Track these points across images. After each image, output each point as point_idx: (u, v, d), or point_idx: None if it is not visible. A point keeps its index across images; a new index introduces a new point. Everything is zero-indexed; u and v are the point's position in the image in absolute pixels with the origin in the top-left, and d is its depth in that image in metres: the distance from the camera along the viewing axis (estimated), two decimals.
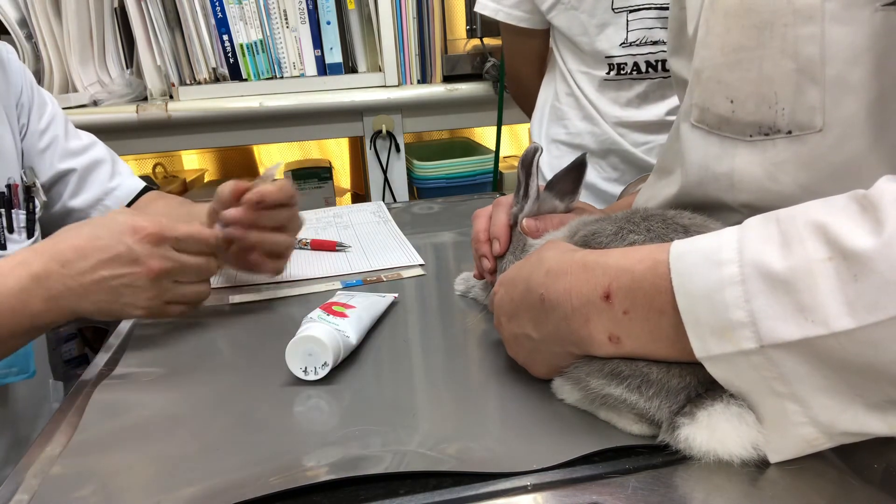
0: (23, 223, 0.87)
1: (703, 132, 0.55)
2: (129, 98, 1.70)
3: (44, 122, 0.94)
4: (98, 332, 1.86)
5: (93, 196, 0.97)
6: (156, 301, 0.68)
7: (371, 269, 0.91)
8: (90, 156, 0.98)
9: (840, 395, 0.40)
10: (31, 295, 0.63)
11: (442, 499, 0.44)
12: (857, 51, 0.45)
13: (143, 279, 0.66)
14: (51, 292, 0.64)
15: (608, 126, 1.15)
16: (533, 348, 0.54)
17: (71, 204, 0.96)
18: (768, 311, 0.39)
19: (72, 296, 0.65)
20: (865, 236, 0.37)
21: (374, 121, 1.80)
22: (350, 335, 0.62)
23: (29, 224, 0.88)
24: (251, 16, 1.70)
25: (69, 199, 0.96)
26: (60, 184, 0.96)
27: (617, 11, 1.08)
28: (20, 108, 0.91)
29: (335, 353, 0.59)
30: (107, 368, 0.68)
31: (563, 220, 0.67)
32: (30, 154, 0.93)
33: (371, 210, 1.21)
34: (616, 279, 0.46)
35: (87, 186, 0.97)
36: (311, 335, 0.59)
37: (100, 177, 0.98)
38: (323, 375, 0.59)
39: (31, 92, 0.93)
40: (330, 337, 0.59)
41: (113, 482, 0.49)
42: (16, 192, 0.86)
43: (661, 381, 0.46)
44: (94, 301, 0.66)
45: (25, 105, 0.92)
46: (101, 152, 1.00)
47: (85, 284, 0.65)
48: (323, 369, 0.59)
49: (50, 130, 0.94)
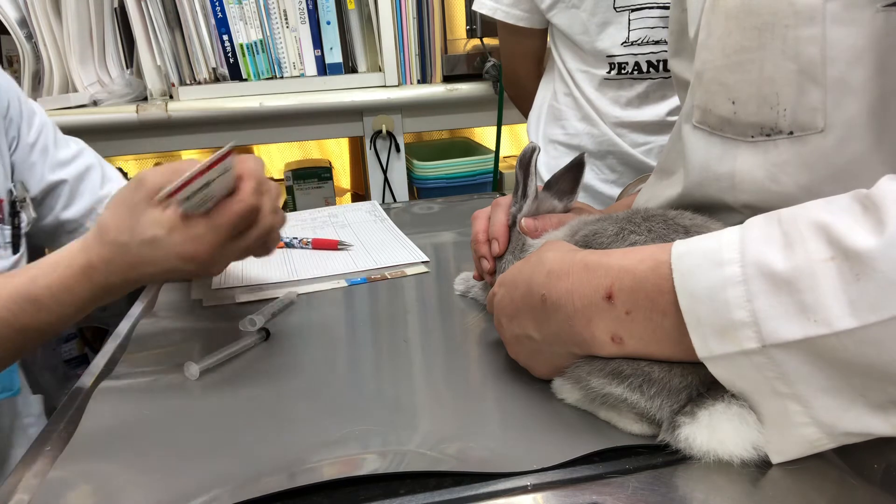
0: (8, 238, 0.85)
1: (704, 133, 0.55)
2: (129, 98, 1.70)
3: (33, 135, 0.92)
4: (98, 332, 1.86)
5: (85, 206, 0.96)
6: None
7: (375, 266, 0.91)
8: (80, 164, 0.97)
9: (842, 396, 0.40)
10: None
11: (442, 499, 0.44)
12: (859, 52, 0.45)
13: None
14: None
15: (607, 127, 1.15)
16: (534, 349, 0.54)
17: (63, 216, 0.95)
18: (770, 311, 0.39)
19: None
20: (867, 236, 0.37)
21: (374, 121, 1.80)
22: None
23: (14, 240, 0.86)
24: (251, 16, 1.70)
25: (62, 210, 0.95)
26: (52, 196, 0.94)
27: (619, 10, 1.08)
28: (9, 121, 0.88)
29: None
30: (107, 368, 0.68)
31: (561, 220, 0.67)
32: (20, 168, 0.90)
33: (366, 209, 1.21)
34: (618, 279, 0.46)
35: (79, 197, 0.96)
36: None
37: (91, 185, 0.97)
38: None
39: (18, 104, 0.90)
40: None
41: (113, 482, 0.49)
42: (0, 207, 0.85)
43: (663, 381, 0.46)
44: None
45: (14, 119, 0.89)
46: (90, 159, 0.99)
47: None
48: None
49: (40, 142, 0.92)
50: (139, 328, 0.76)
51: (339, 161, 2.38)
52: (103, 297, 0.64)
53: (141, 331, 0.75)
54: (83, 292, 0.62)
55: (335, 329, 0.74)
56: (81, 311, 0.64)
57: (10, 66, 1.83)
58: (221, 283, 0.88)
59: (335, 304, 0.80)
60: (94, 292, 0.62)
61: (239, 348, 0.67)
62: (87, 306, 0.64)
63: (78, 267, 0.61)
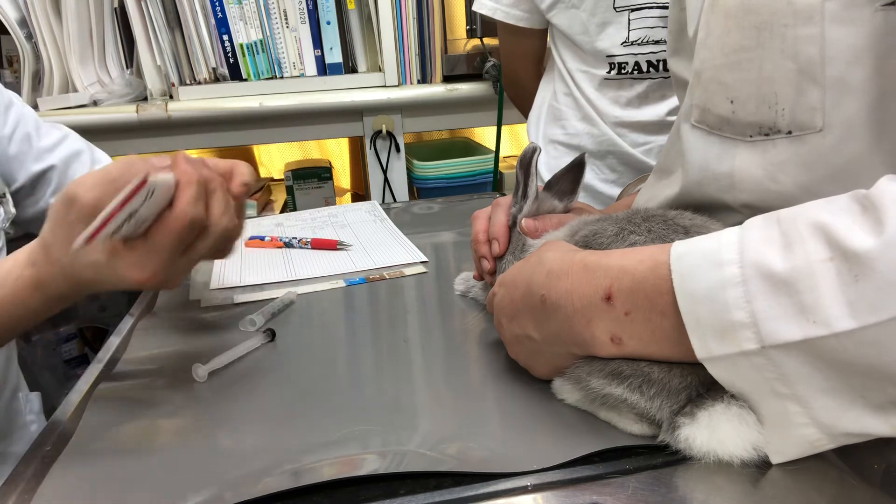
0: None
1: (703, 132, 0.55)
2: (129, 98, 1.70)
3: (9, 127, 0.88)
4: (98, 332, 1.86)
5: None
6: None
7: (374, 266, 0.91)
8: (66, 148, 0.94)
9: (842, 396, 0.40)
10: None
11: (442, 499, 0.44)
12: (858, 51, 0.45)
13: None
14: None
15: (607, 127, 1.15)
16: (534, 349, 0.54)
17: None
18: (769, 312, 0.39)
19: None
20: (866, 237, 0.37)
21: (374, 121, 1.80)
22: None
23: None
24: (251, 16, 1.70)
25: (51, 196, 0.92)
26: (42, 184, 0.92)
27: (618, 10, 1.08)
28: None
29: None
30: (107, 368, 0.68)
31: (561, 220, 0.67)
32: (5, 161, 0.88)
33: (366, 209, 1.21)
34: (617, 280, 0.46)
35: (69, 182, 0.94)
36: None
37: (80, 169, 0.94)
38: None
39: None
40: None
41: (112, 483, 0.49)
42: None
43: (663, 381, 0.46)
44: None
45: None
46: (76, 143, 0.96)
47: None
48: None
49: (18, 132, 0.89)
50: (139, 328, 0.76)
51: (339, 161, 2.38)
52: (58, 305, 0.61)
53: (141, 331, 0.75)
54: (36, 304, 0.60)
55: (335, 329, 0.74)
56: (36, 317, 0.62)
57: (10, 66, 1.83)
58: (219, 284, 0.88)
59: (334, 305, 0.80)
60: (46, 303, 0.60)
61: (245, 350, 0.67)
62: (43, 313, 0.61)
63: (29, 279, 0.59)
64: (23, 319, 0.61)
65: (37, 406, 0.95)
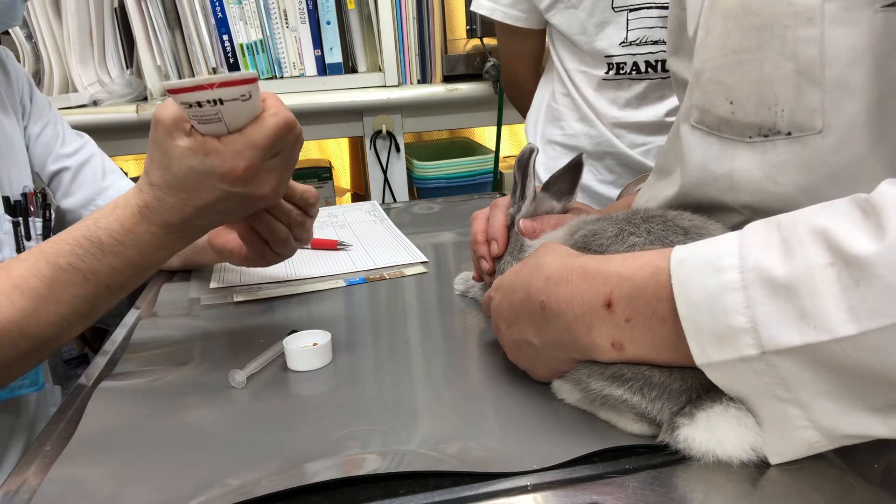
0: (39, 230, 0.86)
1: (702, 133, 0.55)
2: (129, 98, 1.70)
3: (39, 126, 0.92)
4: (98, 332, 1.86)
5: (84, 196, 0.95)
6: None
7: (374, 266, 0.91)
8: (83, 153, 0.97)
9: (842, 400, 0.40)
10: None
11: (442, 499, 0.44)
12: (858, 52, 0.45)
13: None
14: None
15: (605, 127, 1.15)
16: (534, 354, 0.54)
17: (63, 205, 0.94)
18: (770, 318, 0.39)
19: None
20: (867, 241, 0.37)
21: (374, 121, 1.80)
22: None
23: (46, 232, 0.87)
24: (251, 16, 1.70)
25: (61, 199, 0.94)
26: (53, 184, 0.94)
27: (617, 10, 1.08)
28: (22, 108, 0.90)
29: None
30: (107, 368, 0.68)
31: (560, 221, 0.67)
32: (30, 159, 0.92)
33: (366, 209, 1.21)
34: (617, 287, 0.46)
35: (79, 187, 0.95)
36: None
37: (92, 175, 0.96)
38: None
39: (30, 93, 0.92)
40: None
41: (113, 482, 0.49)
42: (31, 199, 0.85)
43: (664, 384, 0.46)
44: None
45: (27, 108, 0.91)
46: (92, 148, 0.99)
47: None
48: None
49: (47, 133, 0.93)
50: (139, 328, 0.76)
51: (339, 161, 2.38)
52: (169, 243, 0.61)
53: (141, 330, 0.75)
54: (144, 234, 0.60)
55: (335, 329, 0.74)
56: (147, 257, 0.61)
57: None
58: (220, 283, 0.88)
59: (334, 304, 0.81)
60: (155, 235, 0.60)
61: (276, 353, 0.66)
62: (151, 253, 0.61)
63: (135, 207, 0.60)
64: (132, 252, 0.61)
65: (58, 398, 0.97)
